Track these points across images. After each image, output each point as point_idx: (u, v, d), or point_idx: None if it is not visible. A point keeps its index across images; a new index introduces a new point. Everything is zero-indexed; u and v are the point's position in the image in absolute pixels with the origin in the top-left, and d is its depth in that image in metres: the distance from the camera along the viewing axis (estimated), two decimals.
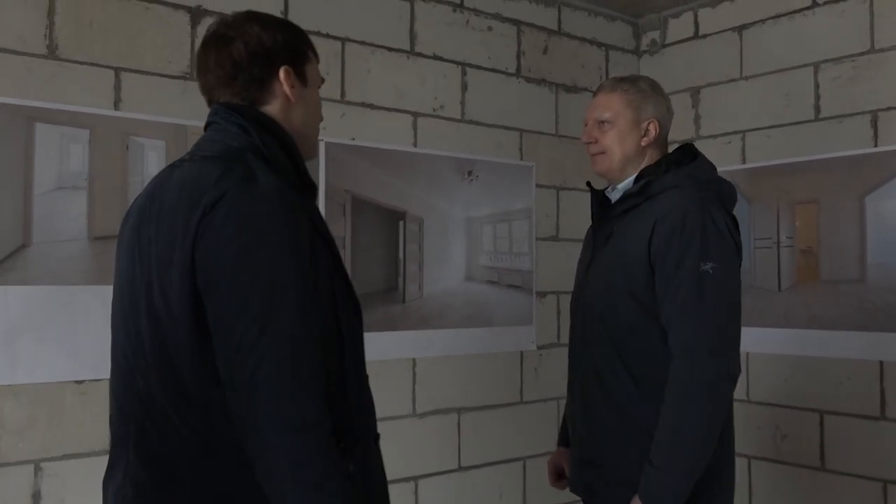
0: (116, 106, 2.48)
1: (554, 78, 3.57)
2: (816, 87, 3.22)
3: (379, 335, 2.98)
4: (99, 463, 2.35)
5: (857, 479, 3.04)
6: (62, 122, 2.38)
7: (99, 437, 2.39)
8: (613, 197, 2.02)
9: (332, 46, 2.93)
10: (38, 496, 2.30)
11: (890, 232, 2.99)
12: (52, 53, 2.38)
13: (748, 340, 2.31)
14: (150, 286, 1.30)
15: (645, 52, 3.87)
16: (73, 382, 2.36)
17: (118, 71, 2.49)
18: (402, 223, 3.10)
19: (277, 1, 2.81)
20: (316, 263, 1.31)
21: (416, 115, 3.14)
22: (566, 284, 3.49)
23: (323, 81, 1.55)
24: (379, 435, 1.50)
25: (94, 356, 2.33)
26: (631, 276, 1.86)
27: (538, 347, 3.47)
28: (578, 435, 2.02)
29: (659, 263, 1.82)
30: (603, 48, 3.77)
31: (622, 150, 1.97)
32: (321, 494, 1.22)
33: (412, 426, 3.08)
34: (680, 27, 3.73)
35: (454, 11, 3.26)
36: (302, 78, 1.46)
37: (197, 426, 1.28)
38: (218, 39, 1.41)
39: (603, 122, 1.99)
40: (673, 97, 3.74)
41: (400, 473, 3.03)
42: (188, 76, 2.58)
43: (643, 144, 1.98)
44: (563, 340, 3.51)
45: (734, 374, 1.81)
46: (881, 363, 2.98)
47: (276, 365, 1.21)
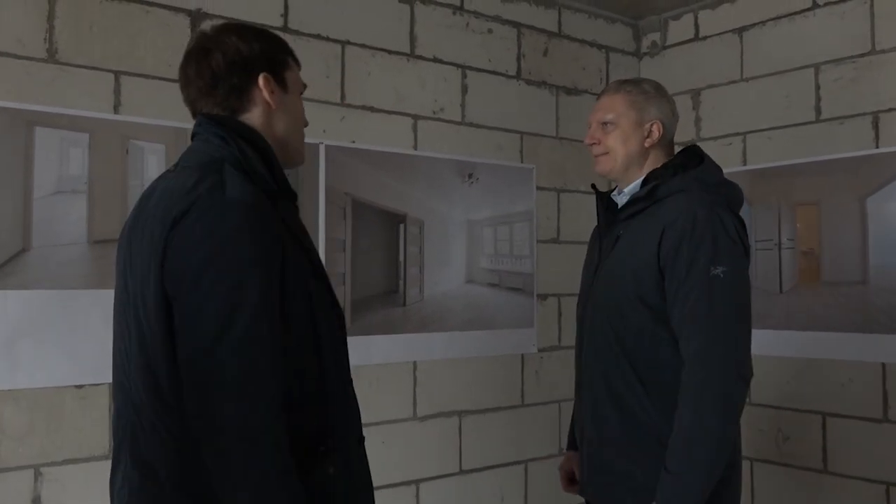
0: (116, 109, 2.48)
1: (554, 80, 3.57)
2: (817, 88, 3.21)
3: (380, 338, 2.98)
4: (99, 468, 2.36)
5: (859, 481, 3.03)
6: (62, 125, 2.37)
7: (99, 441, 2.38)
8: (620, 201, 2.01)
9: (332, 49, 2.92)
10: (38, 501, 2.29)
11: (892, 233, 2.98)
12: (51, 57, 2.37)
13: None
14: (136, 299, 1.36)
15: (645, 54, 3.87)
16: (72, 387, 2.36)
17: (118, 74, 2.48)
18: (402, 226, 3.09)
19: (277, 5, 2.80)
20: (290, 271, 1.34)
21: (416, 117, 3.13)
22: (567, 287, 3.52)
23: (305, 87, 1.58)
24: (364, 437, 1.53)
25: (94, 360, 2.32)
26: (640, 280, 1.86)
27: (539, 350, 3.47)
28: (588, 439, 2.02)
29: (669, 268, 1.81)
30: (603, 50, 3.76)
31: (625, 150, 1.96)
32: (266, 500, 1.24)
33: (413, 429, 3.08)
34: (680, 29, 3.72)
35: (454, 14, 3.26)
36: (282, 84, 1.49)
37: (174, 430, 1.32)
38: (198, 52, 1.46)
39: (606, 123, 1.99)
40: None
41: (401, 477, 3.03)
42: None
43: (646, 146, 1.97)
44: (564, 343, 3.51)
45: (747, 376, 1.81)
46: (883, 365, 2.97)
47: (229, 372, 1.25)
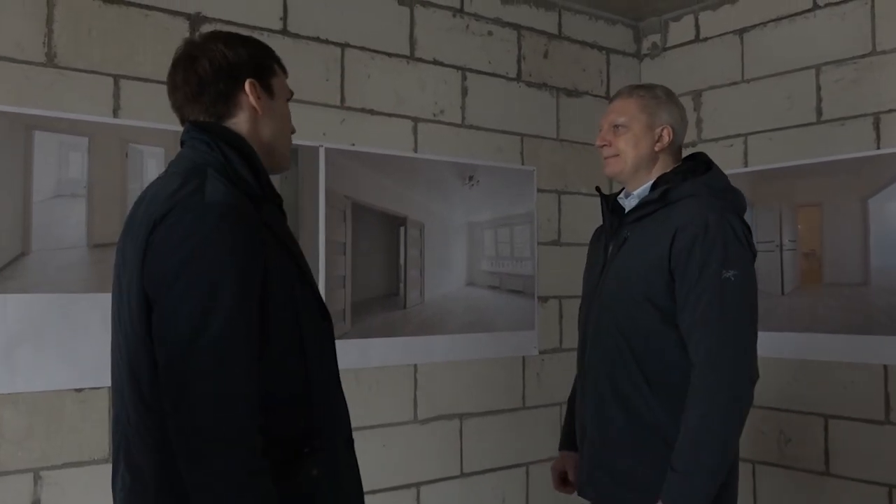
0: (115, 113, 2.48)
1: (555, 82, 3.57)
2: (818, 89, 3.21)
3: (380, 341, 2.98)
4: (99, 471, 2.36)
5: (861, 483, 3.01)
6: (61, 129, 2.38)
7: (99, 445, 2.38)
8: (629, 203, 2.03)
9: (331, 52, 2.92)
10: None
11: (893, 234, 2.97)
12: (50, 61, 2.38)
13: None
14: (124, 303, 1.38)
15: (646, 55, 3.86)
16: (72, 391, 2.36)
17: (117, 78, 2.49)
18: (402, 229, 3.09)
19: (276, 7, 2.80)
20: (273, 274, 1.35)
21: (416, 120, 3.13)
22: (568, 289, 3.52)
23: (292, 94, 1.59)
24: (353, 440, 1.53)
25: (93, 364, 2.33)
26: (650, 281, 1.89)
27: (540, 352, 3.46)
28: (590, 440, 2.03)
29: (679, 270, 1.84)
30: (604, 52, 3.76)
31: (635, 153, 1.99)
32: (235, 501, 1.25)
33: (414, 432, 3.07)
34: (681, 30, 3.72)
35: (454, 16, 3.25)
36: (268, 90, 1.51)
37: (156, 433, 1.34)
38: (185, 59, 1.47)
39: (618, 125, 2.01)
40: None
41: (402, 480, 3.02)
42: None
43: (656, 150, 2.00)
44: (565, 345, 3.50)
45: (754, 378, 1.85)
46: (885, 367, 2.96)
47: (203, 376, 1.26)
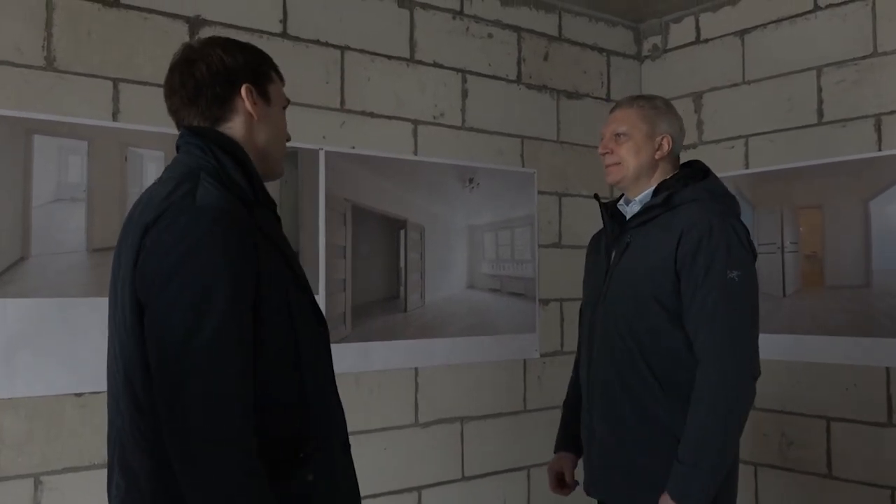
0: (115, 117, 2.47)
1: (555, 84, 3.56)
2: (819, 90, 3.20)
3: (381, 344, 2.97)
4: (99, 476, 2.34)
5: (864, 486, 3.01)
6: (60, 133, 2.37)
7: (99, 449, 2.37)
8: (631, 209, 2.10)
9: (331, 55, 2.92)
10: None
11: (895, 236, 2.96)
12: (49, 65, 2.37)
13: None
14: (119, 306, 1.38)
15: (647, 57, 3.85)
16: (72, 395, 2.35)
17: (116, 82, 2.48)
18: (403, 232, 3.08)
19: (276, 10, 2.80)
20: (266, 278, 1.35)
21: (416, 122, 3.13)
22: (569, 291, 3.51)
23: (288, 102, 1.59)
24: (349, 444, 1.53)
25: (93, 369, 2.32)
26: (657, 282, 1.95)
27: (541, 355, 3.45)
28: (600, 440, 2.08)
29: (686, 271, 1.92)
30: (604, 54, 3.75)
31: (637, 161, 2.06)
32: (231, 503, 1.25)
33: (415, 436, 3.07)
34: (681, 32, 3.71)
35: (454, 19, 3.25)
36: (265, 97, 1.51)
37: (150, 437, 1.33)
38: (182, 63, 1.48)
39: (619, 134, 2.08)
40: (675, 102, 3.70)
41: (403, 483, 3.01)
42: None
43: (657, 157, 2.07)
44: (566, 348, 3.49)
45: (756, 374, 1.93)
46: (888, 369, 2.95)
47: (196, 377, 1.26)
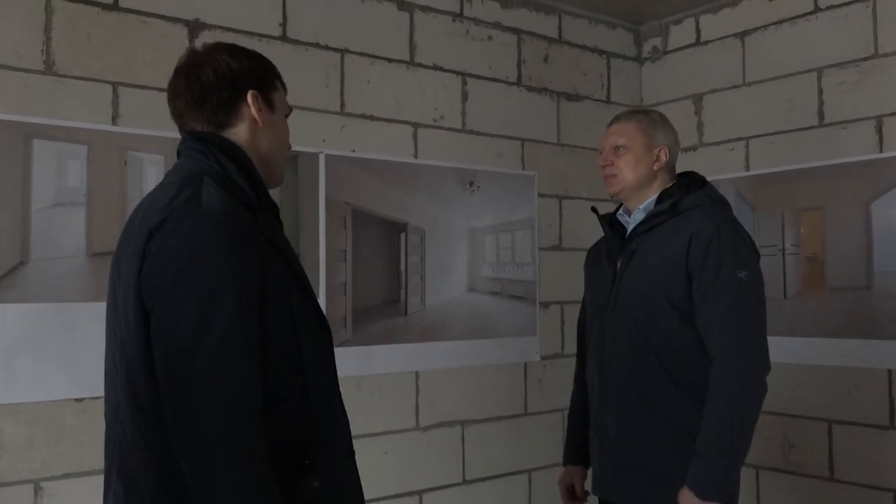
0: (114, 121, 2.47)
1: (555, 86, 3.55)
2: (820, 92, 3.20)
3: (381, 348, 2.96)
4: (99, 482, 2.31)
5: (866, 489, 3.00)
6: (60, 137, 2.36)
7: (99, 455, 2.33)
8: (636, 217, 2.17)
9: (331, 58, 2.91)
10: None
11: None
12: (48, 69, 2.36)
13: None
14: (120, 313, 1.37)
15: (647, 59, 3.85)
16: (72, 400, 2.34)
17: (116, 86, 2.47)
18: (403, 235, 3.08)
19: (276, 14, 2.79)
20: (270, 282, 1.35)
21: (416, 125, 3.12)
22: (570, 294, 3.50)
23: (291, 111, 1.59)
24: (353, 451, 1.52)
25: (93, 373, 2.29)
26: (669, 284, 2.02)
27: (542, 358, 3.44)
28: (613, 441, 2.12)
29: (697, 272, 1.99)
30: (604, 56, 3.75)
31: (636, 172, 2.14)
32: None
33: (416, 440, 3.06)
34: (681, 34, 3.71)
35: (454, 21, 3.24)
36: (269, 104, 1.52)
37: (153, 442, 1.33)
38: (188, 67, 1.48)
39: (619, 147, 2.16)
40: (675, 104, 3.77)
41: (404, 488, 3.01)
42: None
43: (655, 168, 2.15)
44: (567, 351, 3.49)
45: (768, 370, 2.00)
46: (889, 371, 2.95)
47: (204, 380, 1.25)
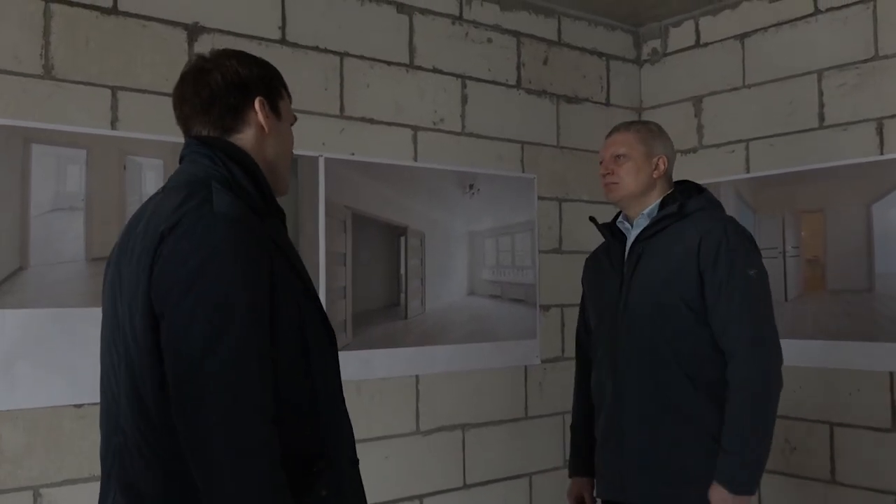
0: (113, 125, 2.46)
1: (555, 89, 3.55)
2: (820, 94, 3.19)
3: (381, 352, 2.95)
4: (98, 488, 2.33)
5: (867, 491, 2.99)
6: (59, 142, 2.35)
7: (99, 461, 2.35)
8: (639, 223, 2.22)
9: (330, 61, 2.90)
10: None
11: None
12: (47, 73, 2.35)
13: None
14: (124, 319, 1.35)
15: (646, 61, 3.85)
16: (71, 406, 2.33)
17: (115, 90, 2.47)
18: (403, 238, 3.07)
19: (275, 17, 2.79)
20: (279, 288, 1.34)
21: (416, 128, 3.11)
22: (570, 297, 3.49)
23: (295, 119, 1.59)
24: (358, 460, 1.51)
25: (92, 379, 2.23)
26: (681, 284, 2.08)
27: (542, 361, 3.44)
28: (631, 443, 2.14)
29: (709, 271, 2.06)
30: (604, 58, 3.74)
31: (636, 180, 2.20)
32: None
33: (416, 444, 3.05)
34: (681, 36, 3.70)
35: (453, 24, 3.24)
36: (276, 111, 1.51)
37: (160, 451, 1.31)
38: (195, 72, 1.47)
39: (619, 156, 2.22)
40: (675, 106, 3.76)
41: (404, 492, 3.00)
42: None
43: (655, 177, 2.22)
44: (567, 354, 3.48)
45: (782, 361, 2.09)
46: (891, 374, 2.94)
47: (219, 388, 1.23)
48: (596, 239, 2.48)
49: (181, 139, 1.50)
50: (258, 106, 1.46)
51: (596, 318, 2.33)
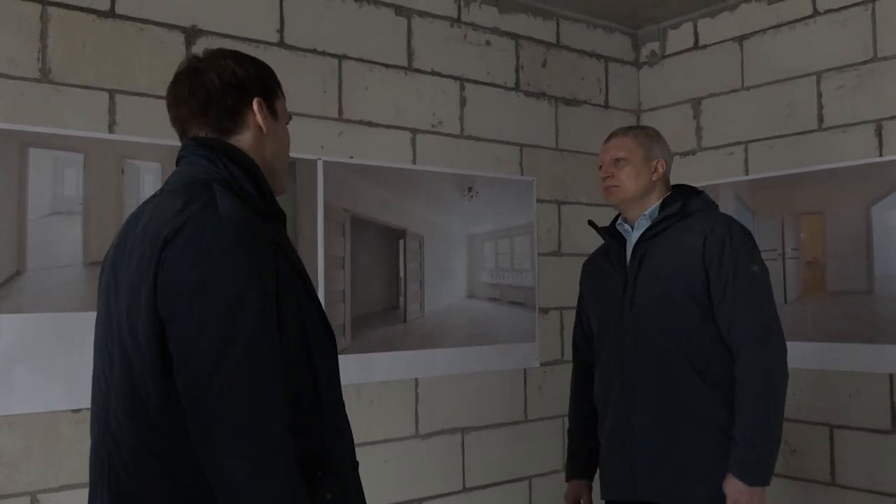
0: (111, 129, 2.45)
1: (553, 91, 3.54)
2: (819, 96, 3.19)
3: (380, 356, 2.94)
4: None
5: (868, 493, 2.99)
6: (56, 146, 2.35)
7: None
8: (640, 224, 2.26)
9: (329, 64, 2.90)
10: None
11: None
12: (45, 77, 2.35)
13: None
14: (121, 324, 1.33)
15: (645, 63, 3.84)
16: (69, 411, 2.32)
17: (112, 93, 2.46)
18: (402, 241, 3.06)
19: (273, 20, 2.78)
20: (283, 289, 1.33)
21: (414, 131, 3.11)
22: (569, 300, 3.47)
23: (290, 118, 1.59)
24: (358, 463, 1.50)
25: (90, 384, 2.28)
26: (689, 283, 2.12)
27: (542, 364, 3.43)
28: (642, 441, 2.15)
29: (715, 268, 2.10)
30: (602, 60, 3.74)
31: (636, 183, 2.24)
32: None
33: (415, 447, 3.04)
34: (679, 38, 3.70)
35: (452, 26, 3.23)
36: (273, 111, 1.51)
37: (162, 455, 1.29)
38: (190, 72, 1.45)
39: (619, 159, 2.26)
40: (674, 108, 3.76)
41: (404, 495, 2.99)
42: None
43: (654, 180, 2.26)
44: (566, 357, 3.46)
45: (787, 351, 2.14)
46: (891, 376, 2.94)
47: (233, 391, 1.22)
48: (595, 242, 2.48)
49: (179, 142, 1.49)
50: (256, 107, 1.45)
51: (599, 320, 2.34)
